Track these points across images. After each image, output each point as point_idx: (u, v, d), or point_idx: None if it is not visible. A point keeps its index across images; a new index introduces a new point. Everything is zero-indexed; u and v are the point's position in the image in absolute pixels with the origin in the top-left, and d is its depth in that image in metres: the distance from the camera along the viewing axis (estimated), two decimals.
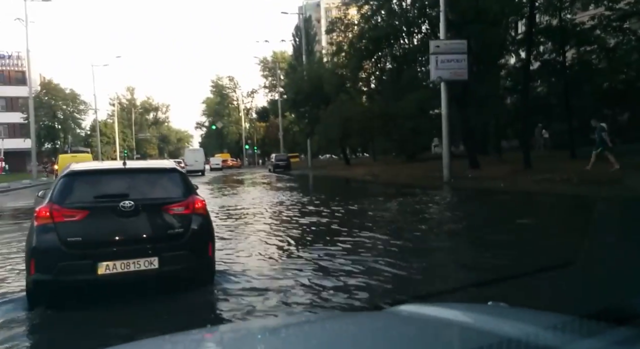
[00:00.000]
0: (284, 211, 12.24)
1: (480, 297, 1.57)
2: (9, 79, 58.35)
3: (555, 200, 11.99)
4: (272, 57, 78.50)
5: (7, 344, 3.63)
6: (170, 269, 4.44)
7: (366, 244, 7.31)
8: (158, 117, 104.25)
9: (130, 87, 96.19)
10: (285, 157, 42.41)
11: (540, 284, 3.97)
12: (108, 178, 4.96)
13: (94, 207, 4.46)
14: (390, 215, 11.07)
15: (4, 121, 56.83)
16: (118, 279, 4.29)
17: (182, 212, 4.64)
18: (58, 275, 4.15)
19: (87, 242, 4.29)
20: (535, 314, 1.48)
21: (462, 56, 17.36)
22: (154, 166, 6.05)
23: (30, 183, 28.26)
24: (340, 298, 4.61)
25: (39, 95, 48.75)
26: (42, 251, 4.24)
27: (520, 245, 6.82)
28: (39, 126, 48.89)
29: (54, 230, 4.22)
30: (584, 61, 19.44)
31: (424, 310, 1.52)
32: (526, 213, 10.59)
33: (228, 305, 4.51)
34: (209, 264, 4.90)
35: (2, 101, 58.75)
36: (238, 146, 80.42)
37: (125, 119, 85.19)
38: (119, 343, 1.42)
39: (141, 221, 4.46)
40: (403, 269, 5.71)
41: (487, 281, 4.47)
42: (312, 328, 1.53)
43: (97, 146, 58.27)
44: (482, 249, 6.73)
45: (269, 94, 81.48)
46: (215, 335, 1.62)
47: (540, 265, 4.93)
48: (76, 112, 53.79)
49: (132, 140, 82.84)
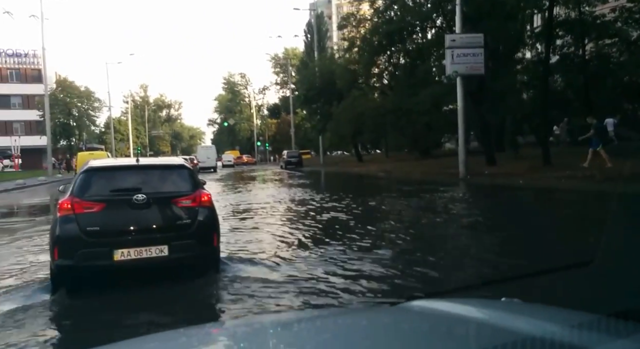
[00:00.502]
0: (299, 208, 12.09)
1: (496, 294, 1.50)
2: (25, 77, 59.05)
3: (578, 197, 11.66)
4: (284, 54, 78.39)
5: (34, 321, 4.04)
6: (178, 257, 4.84)
7: (384, 242, 7.15)
8: (171, 115, 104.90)
9: (143, 85, 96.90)
10: (297, 153, 42.24)
11: (559, 282, 3.84)
12: (123, 174, 5.41)
13: (110, 200, 4.92)
14: (409, 213, 10.85)
15: (21, 119, 57.58)
16: (132, 265, 4.72)
17: (189, 204, 5.04)
18: (78, 261, 4.60)
19: (104, 232, 4.72)
20: (553, 312, 1.42)
21: (478, 50, 17.02)
22: (164, 163, 6.56)
23: (45, 180, 28.49)
24: (358, 293, 4.63)
25: (55, 92, 49.28)
26: (64, 239, 4.70)
27: (543, 243, 6.59)
28: (54, 124, 49.43)
29: (75, 220, 4.67)
30: (604, 55, 18.96)
31: (436, 305, 1.50)
32: (547, 211, 10.33)
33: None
34: (214, 253, 5.30)
35: (18, 99, 59.50)
36: (250, 142, 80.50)
37: (138, 116, 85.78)
38: (132, 321, 1.28)
39: (152, 212, 4.88)
40: (424, 266, 5.55)
41: (503, 278, 4.42)
42: (324, 322, 1.52)
43: (111, 143, 58.77)
44: (503, 247, 6.52)
45: (280, 91, 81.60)
46: (226, 329, 1.64)
47: (561, 263, 4.83)
48: (90, 110, 54.25)
49: (145, 137, 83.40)
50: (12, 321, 4.09)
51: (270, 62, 79.76)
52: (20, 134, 53.75)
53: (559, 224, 8.41)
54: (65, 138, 51.54)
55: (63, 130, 50.71)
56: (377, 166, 29.47)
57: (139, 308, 4.38)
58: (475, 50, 16.95)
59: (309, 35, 58.97)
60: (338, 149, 53.27)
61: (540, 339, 1.06)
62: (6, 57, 59.27)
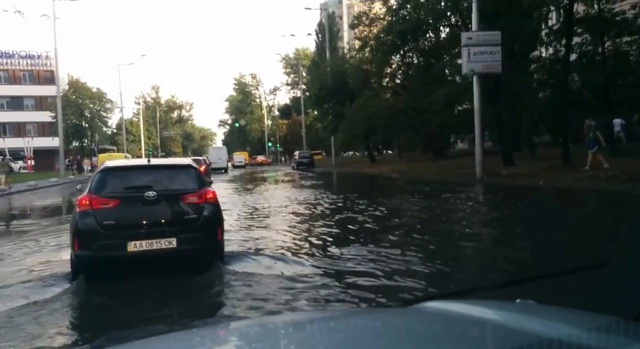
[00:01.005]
0: (315, 210, 11.83)
1: (511, 296, 1.55)
2: (38, 78, 59.59)
3: (603, 198, 11.26)
4: (295, 54, 78.30)
5: (57, 306, 4.49)
6: (186, 248, 5.25)
7: (403, 244, 6.86)
8: (182, 115, 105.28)
9: (155, 86, 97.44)
10: (309, 154, 42.04)
11: (576, 283, 3.59)
12: (135, 173, 5.88)
13: (124, 197, 5.37)
14: (430, 216, 10.53)
15: (34, 120, 58.14)
16: (144, 256, 5.14)
17: (196, 201, 5.45)
18: (96, 251, 5.04)
19: (118, 225, 5.16)
20: (569, 314, 1.38)
21: (495, 48, 16.65)
22: (173, 163, 7.16)
23: (57, 181, 28.49)
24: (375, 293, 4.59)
25: (67, 94, 49.57)
26: (83, 232, 5.13)
27: (572, 245, 6.26)
28: (66, 125, 49.73)
29: (92, 215, 5.11)
30: (623, 53, 18.44)
31: (450, 307, 1.47)
32: (572, 212, 9.97)
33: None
34: (219, 245, 5.71)
35: (31, 100, 60.08)
36: (260, 143, 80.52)
37: (150, 117, 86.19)
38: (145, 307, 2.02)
39: (162, 208, 5.32)
40: (446, 267, 5.31)
41: (518, 279, 4.21)
42: (337, 323, 1.51)
43: (123, 144, 59.03)
44: (532, 251, 6.21)
45: (291, 91, 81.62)
46: (237, 330, 1.63)
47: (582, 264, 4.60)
48: (102, 111, 54.46)
49: (157, 138, 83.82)
50: (38, 307, 4.48)
51: (281, 63, 79.88)
52: (33, 135, 54.24)
53: (585, 226, 8.06)
54: (78, 139, 51.77)
55: (75, 131, 50.95)
56: (390, 166, 29.13)
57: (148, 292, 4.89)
58: (492, 49, 16.58)
59: (320, 35, 58.71)
60: (349, 149, 52.97)
61: (557, 342, 1.03)
62: (19, 59, 59.85)
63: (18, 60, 59.93)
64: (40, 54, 58.75)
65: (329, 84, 33.91)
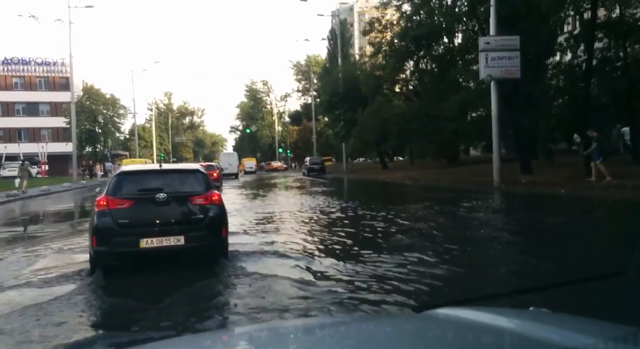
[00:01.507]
0: (329, 218, 11.53)
1: (526, 304, 1.54)
2: (53, 84, 60.31)
3: (628, 208, 10.82)
4: (306, 61, 78.38)
5: (79, 297, 4.91)
6: (193, 245, 5.67)
7: (426, 250, 6.54)
8: (194, 121, 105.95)
9: (167, 93, 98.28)
10: (320, 160, 41.70)
11: (591, 292, 3.53)
12: (148, 176, 6.35)
13: (138, 198, 5.81)
14: (449, 225, 10.18)
15: (48, 126, 58.78)
16: (154, 252, 5.57)
17: (202, 202, 5.89)
18: (112, 247, 5.50)
19: (132, 224, 5.59)
20: (582, 322, 1.36)
21: (514, 53, 16.30)
22: (182, 168, 7.72)
23: (70, 186, 28.53)
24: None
25: (81, 100, 50.04)
26: (100, 230, 5.57)
27: (600, 254, 5.89)
28: (80, 130, 50.16)
29: (109, 214, 5.56)
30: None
31: (462, 313, 1.44)
32: (598, 223, 9.55)
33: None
34: (223, 243, 6.16)
35: (47, 106, 60.76)
36: (271, 149, 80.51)
37: (162, 123, 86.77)
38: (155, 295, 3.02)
39: (172, 208, 5.76)
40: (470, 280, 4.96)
41: (533, 287, 4.26)
42: (348, 329, 1.50)
43: (135, 150, 59.36)
44: (560, 261, 5.85)
45: (302, 98, 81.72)
46: (248, 334, 1.61)
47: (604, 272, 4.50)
48: (116, 117, 54.90)
49: (168, 144, 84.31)
50: (64, 299, 4.89)
51: (292, 69, 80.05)
52: (47, 140, 54.82)
53: (612, 235, 7.66)
54: (91, 145, 52.19)
55: (89, 137, 51.37)
56: (403, 173, 28.78)
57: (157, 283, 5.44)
58: (511, 53, 16.23)
59: (331, 41, 58.70)
60: (360, 156, 52.62)
61: None
62: (35, 66, 60.66)
63: (34, 67, 60.74)
64: (56, 61, 59.46)
65: (341, 90, 33.71)
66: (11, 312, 4.46)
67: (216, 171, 24.28)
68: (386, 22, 30.29)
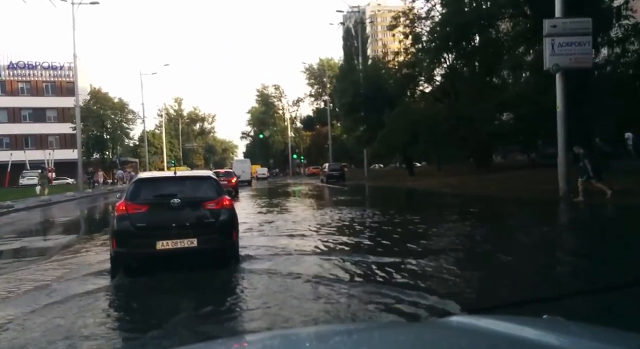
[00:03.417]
0: (378, 241, 9.03)
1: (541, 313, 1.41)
2: (60, 89, 58.79)
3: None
4: (318, 65, 76.41)
5: (102, 292, 5.52)
6: (205, 247, 6.08)
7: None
8: (204, 128, 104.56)
9: (177, 98, 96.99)
10: (339, 167, 39.12)
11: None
12: (163, 183, 6.80)
13: (154, 203, 6.27)
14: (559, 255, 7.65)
15: (56, 132, 57.08)
16: (169, 253, 5.99)
17: (214, 207, 6.29)
18: (130, 248, 6.02)
19: (149, 227, 6.06)
20: (597, 331, 1.32)
21: (585, 38, 13.75)
22: (196, 174, 8.06)
23: (73, 195, 26.27)
24: None
25: (88, 104, 48.18)
26: (120, 233, 6.07)
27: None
28: (87, 136, 48.23)
29: (128, 218, 6.04)
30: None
31: (476, 321, 1.43)
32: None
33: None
34: (233, 245, 6.52)
35: (54, 112, 59.18)
36: (283, 155, 78.58)
37: (172, 129, 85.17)
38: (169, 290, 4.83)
39: (186, 212, 6.16)
40: None
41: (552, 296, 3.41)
42: (361, 337, 1.45)
43: (145, 156, 57.37)
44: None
45: (314, 103, 79.77)
46: (261, 342, 1.55)
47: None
48: (124, 122, 52.96)
49: (179, 150, 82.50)
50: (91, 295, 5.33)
51: (304, 74, 78.09)
52: (55, 147, 53.14)
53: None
54: (99, 151, 50.22)
55: (96, 143, 49.47)
56: (434, 180, 26.12)
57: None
58: (581, 39, 13.69)
59: (347, 42, 56.59)
60: (378, 162, 49.93)
61: None
62: (42, 70, 59.20)
63: (40, 72, 59.34)
64: (62, 65, 57.96)
65: (362, 90, 31.15)
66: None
67: (234, 178, 24.31)
68: (414, 16, 27.82)
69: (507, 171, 25.15)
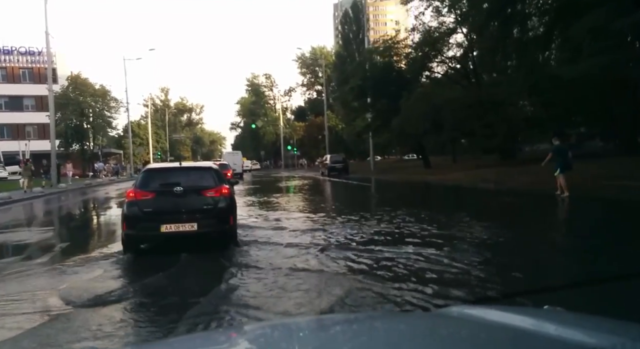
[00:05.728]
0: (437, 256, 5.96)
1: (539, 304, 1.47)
2: (38, 76, 54.62)
3: None
4: (311, 54, 73.16)
5: (115, 267, 6.36)
6: (204, 231, 6.85)
7: None
8: (192, 119, 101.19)
9: (164, 88, 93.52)
10: (342, 158, 35.85)
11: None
12: (169, 172, 7.62)
13: (159, 191, 7.06)
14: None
15: (34, 121, 53.08)
16: (172, 235, 6.76)
17: (213, 195, 7.05)
18: (138, 231, 6.92)
19: (154, 212, 6.86)
20: (598, 321, 1.29)
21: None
22: (198, 165, 9.12)
23: (42, 192, 22.61)
24: None
25: (67, 91, 44.21)
26: (129, 217, 6.92)
27: None
28: (65, 125, 44.35)
29: (136, 204, 6.89)
30: None
31: (475, 312, 1.43)
32: None
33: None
34: (231, 229, 7.27)
35: (31, 100, 55.11)
36: (275, 146, 75.59)
37: (159, 120, 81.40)
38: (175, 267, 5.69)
39: (187, 199, 6.96)
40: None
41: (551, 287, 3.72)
42: (360, 326, 1.46)
43: (130, 148, 53.69)
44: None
45: (307, 92, 76.70)
46: (258, 332, 1.55)
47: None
48: (106, 110, 49.04)
49: (165, 142, 78.74)
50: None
51: (296, 62, 74.83)
52: (33, 137, 49.29)
53: None
54: (78, 142, 46.31)
55: (75, 132, 45.54)
56: (460, 173, 22.75)
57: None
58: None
59: (345, 26, 53.41)
60: (384, 153, 46.75)
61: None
62: (19, 56, 54.94)
63: (17, 57, 55.11)
64: (41, 50, 53.63)
65: (376, 73, 27.86)
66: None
67: (230, 171, 23.08)
68: None
69: (533, 163, 22.21)
